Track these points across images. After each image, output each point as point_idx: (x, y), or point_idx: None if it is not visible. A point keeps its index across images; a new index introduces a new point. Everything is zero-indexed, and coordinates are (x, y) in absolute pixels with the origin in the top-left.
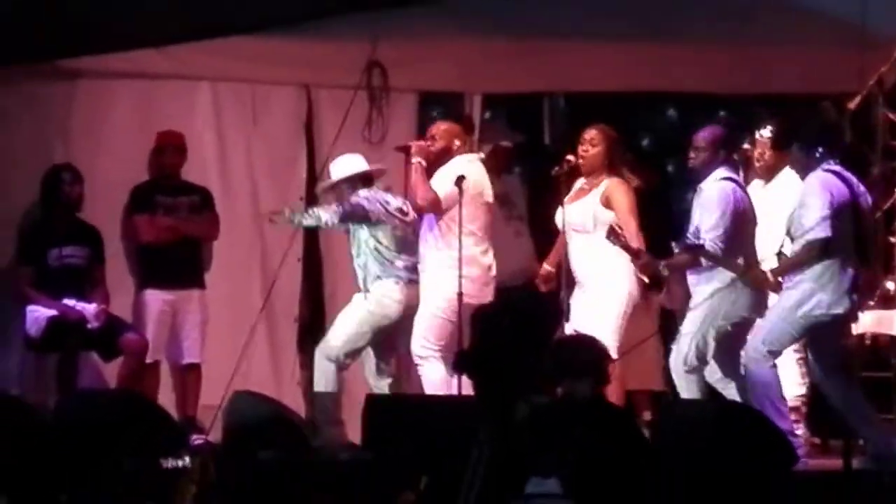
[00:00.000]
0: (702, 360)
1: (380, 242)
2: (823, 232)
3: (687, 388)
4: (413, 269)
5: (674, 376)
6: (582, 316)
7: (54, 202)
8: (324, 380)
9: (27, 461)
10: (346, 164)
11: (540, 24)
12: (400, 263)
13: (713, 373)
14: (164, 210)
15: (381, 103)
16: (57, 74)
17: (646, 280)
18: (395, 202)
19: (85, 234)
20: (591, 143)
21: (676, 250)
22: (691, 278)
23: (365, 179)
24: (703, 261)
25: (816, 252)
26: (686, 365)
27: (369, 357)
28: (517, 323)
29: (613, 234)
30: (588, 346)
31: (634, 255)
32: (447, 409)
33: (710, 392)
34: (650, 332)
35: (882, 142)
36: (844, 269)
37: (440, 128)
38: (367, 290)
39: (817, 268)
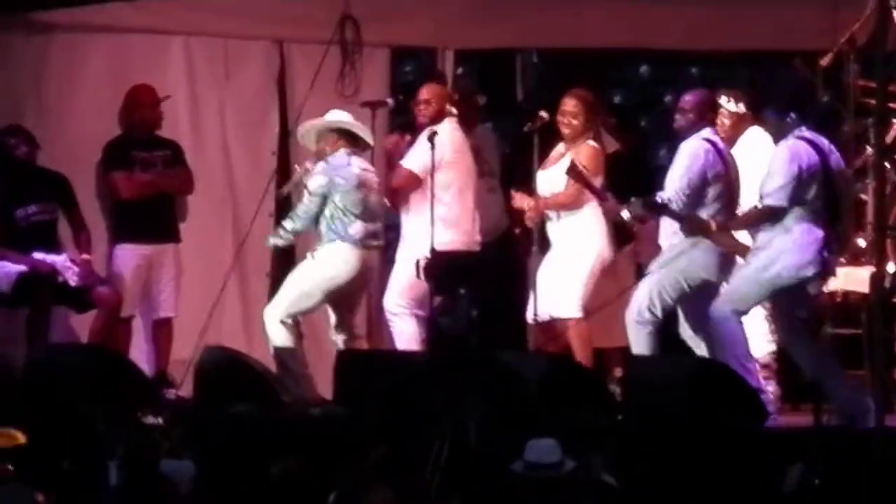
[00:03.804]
0: (653, 313)
1: (337, 206)
2: (777, 201)
3: (636, 340)
4: (374, 235)
5: (627, 328)
6: (550, 275)
7: (6, 165)
8: (277, 336)
9: None
10: (339, 114)
11: None
12: (354, 229)
13: (685, 330)
14: (140, 165)
15: (353, 58)
16: (30, 28)
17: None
18: (357, 165)
19: (49, 187)
20: (572, 115)
21: (632, 201)
22: (663, 238)
23: (351, 139)
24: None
25: (766, 218)
26: (638, 315)
27: (329, 314)
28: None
29: (574, 171)
30: None
31: (598, 196)
32: (418, 364)
33: (661, 348)
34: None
35: (854, 99)
36: (813, 232)
37: (433, 91)
38: (313, 252)
39: (788, 233)
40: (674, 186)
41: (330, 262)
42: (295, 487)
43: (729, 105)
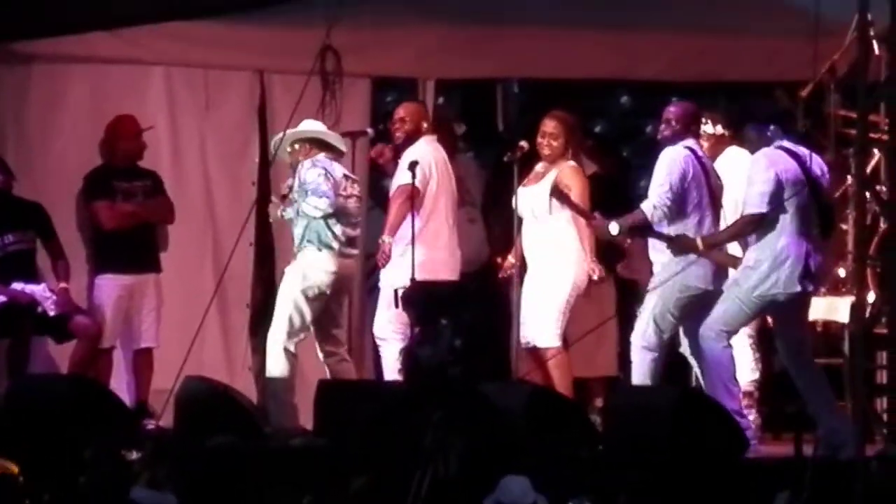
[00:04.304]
0: (660, 337)
1: (317, 209)
2: (758, 208)
3: (640, 366)
4: (352, 241)
5: (632, 352)
6: (528, 302)
7: None
8: (275, 365)
9: None
10: (312, 124)
11: (494, 10)
12: (333, 233)
13: (685, 347)
14: (122, 195)
15: (334, 88)
16: (11, 58)
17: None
18: (339, 170)
19: (26, 217)
20: (552, 136)
21: (614, 224)
22: (652, 253)
23: (324, 148)
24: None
25: (750, 227)
26: (643, 340)
27: (313, 333)
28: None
29: (559, 194)
30: None
31: (584, 215)
32: (399, 395)
33: (664, 376)
34: (606, 317)
35: (835, 129)
36: (801, 247)
37: (409, 109)
38: (294, 256)
39: (776, 248)
40: (656, 192)
41: (310, 272)
42: None
43: (706, 127)
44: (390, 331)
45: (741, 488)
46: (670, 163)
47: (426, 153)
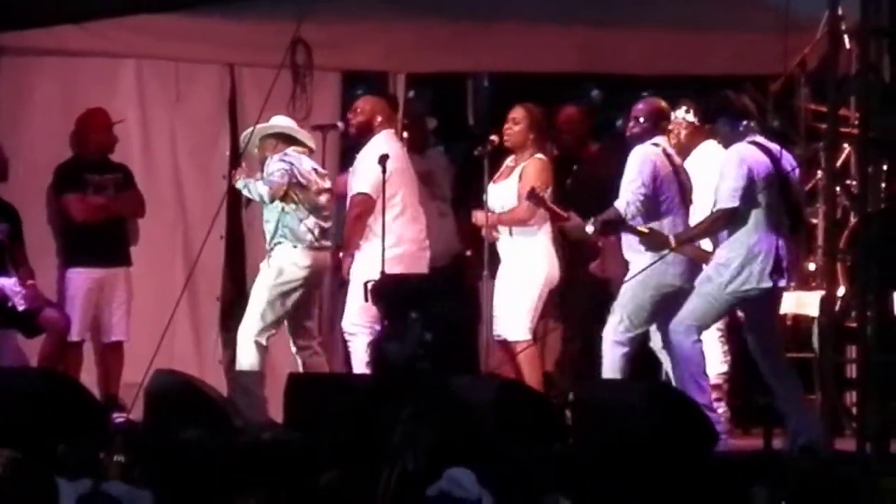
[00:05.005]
0: (632, 332)
1: (260, 196)
2: (730, 202)
3: (611, 360)
4: (325, 233)
5: (603, 346)
6: (500, 297)
7: None
8: (245, 358)
9: None
10: (281, 119)
11: (465, 5)
12: (306, 226)
13: (656, 342)
14: (93, 189)
15: (304, 81)
16: None
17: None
18: (308, 164)
19: (5, 210)
20: (514, 121)
21: (591, 223)
22: (628, 252)
23: (292, 143)
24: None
25: (722, 222)
26: (615, 335)
27: (286, 326)
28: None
29: (534, 196)
30: None
31: (558, 216)
32: (369, 388)
33: (632, 370)
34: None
35: (805, 123)
36: (772, 242)
37: (364, 101)
38: (269, 253)
39: (747, 244)
40: (629, 188)
41: (286, 269)
42: None
43: (688, 115)
44: (359, 325)
45: (713, 482)
46: (641, 161)
47: (383, 147)
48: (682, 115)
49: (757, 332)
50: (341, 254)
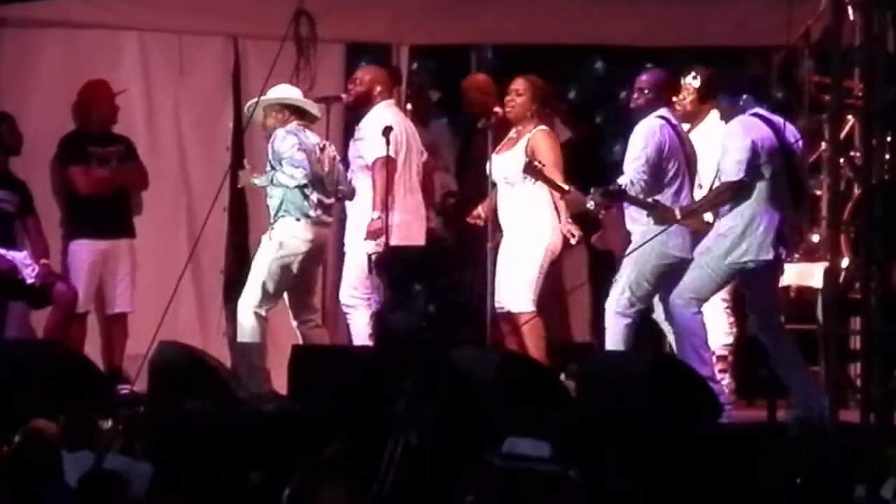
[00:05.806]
0: (634, 304)
1: (292, 178)
2: (735, 175)
3: (613, 331)
4: (326, 209)
5: (606, 318)
6: (503, 267)
7: None
8: (246, 330)
9: None
10: (287, 89)
11: None
12: (310, 201)
13: (659, 314)
14: (97, 161)
15: (308, 53)
16: None
17: (573, 235)
18: (314, 138)
19: (15, 183)
20: (517, 92)
21: (591, 193)
22: (630, 223)
23: (299, 113)
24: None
25: (728, 195)
26: (618, 306)
27: (286, 300)
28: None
29: (532, 169)
30: None
31: (558, 190)
32: (372, 360)
33: (637, 341)
34: (579, 283)
35: (808, 95)
36: (773, 215)
37: (364, 71)
38: (271, 226)
39: (749, 215)
40: (632, 166)
41: (287, 242)
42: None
43: (694, 81)
44: (356, 298)
45: (716, 453)
46: (646, 135)
47: (386, 118)
48: (690, 81)
49: (756, 304)
50: (372, 216)
